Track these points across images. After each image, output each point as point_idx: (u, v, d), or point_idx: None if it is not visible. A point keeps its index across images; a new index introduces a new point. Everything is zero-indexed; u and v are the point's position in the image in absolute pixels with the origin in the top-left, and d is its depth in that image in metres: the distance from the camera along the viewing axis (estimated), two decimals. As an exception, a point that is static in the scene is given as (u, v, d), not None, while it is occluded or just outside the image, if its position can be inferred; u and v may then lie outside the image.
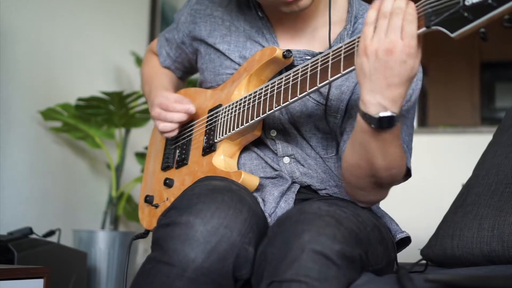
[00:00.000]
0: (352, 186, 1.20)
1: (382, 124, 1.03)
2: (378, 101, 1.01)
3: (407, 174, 1.24)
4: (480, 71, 4.78)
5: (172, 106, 1.39)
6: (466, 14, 0.91)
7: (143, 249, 2.98)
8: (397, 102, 1.02)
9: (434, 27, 0.96)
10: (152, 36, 3.30)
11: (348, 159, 1.17)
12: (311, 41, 1.35)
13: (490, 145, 1.61)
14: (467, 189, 1.54)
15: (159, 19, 3.35)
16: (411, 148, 1.30)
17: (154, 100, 1.44)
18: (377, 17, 1.02)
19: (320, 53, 1.30)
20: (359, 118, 1.06)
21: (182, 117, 1.39)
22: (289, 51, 1.28)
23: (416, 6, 0.99)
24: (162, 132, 1.42)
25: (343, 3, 1.36)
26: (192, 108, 1.38)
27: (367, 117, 1.03)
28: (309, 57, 1.31)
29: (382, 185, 1.18)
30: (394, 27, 0.99)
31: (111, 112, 2.56)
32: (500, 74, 4.92)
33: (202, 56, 1.46)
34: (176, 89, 1.59)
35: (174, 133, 1.42)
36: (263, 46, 1.37)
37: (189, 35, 1.49)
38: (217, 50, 1.42)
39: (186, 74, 1.65)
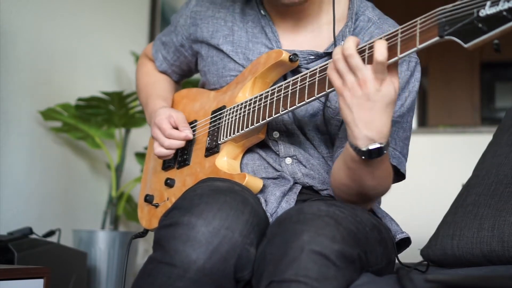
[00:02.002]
0: (341, 198, 1.24)
1: (371, 156, 1.08)
2: (365, 134, 1.06)
3: (401, 175, 1.29)
4: (480, 71, 4.78)
5: (170, 133, 1.38)
6: (480, 25, 0.91)
7: (143, 249, 2.98)
8: (382, 133, 1.06)
9: (447, 37, 0.96)
10: (152, 36, 3.30)
11: (338, 178, 1.21)
12: (314, 40, 1.35)
13: (490, 145, 1.61)
14: (467, 189, 1.54)
15: (159, 19, 3.35)
16: (406, 153, 1.32)
17: (152, 116, 1.44)
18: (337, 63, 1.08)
19: (325, 53, 1.30)
20: (349, 147, 1.11)
21: (180, 144, 1.39)
22: (295, 54, 1.28)
23: (430, 15, 0.99)
24: (158, 156, 1.42)
25: (344, 0, 1.36)
26: (190, 135, 1.39)
27: (357, 150, 1.08)
28: (312, 57, 1.31)
29: (370, 199, 1.24)
30: (354, 66, 1.05)
31: (111, 112, 2.55)
32: (500, 74, 4.92)
33: (204, 58, 1.46)
34: (173, 93, 1.59)
35: (170, 157, 1.42)
36: (266, 45, 1.37)
37: (189, 37, 1.48)
38: (220, 51, 1.41)
39: (183, 77, 1.64)
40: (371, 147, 1.07)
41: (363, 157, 1.08)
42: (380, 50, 1.03)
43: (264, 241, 1.09)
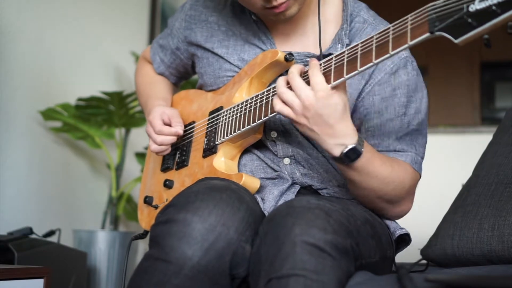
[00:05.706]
0: (372, 208, 1.29)
1: (351, 157, 1.15)
2: (333, 143, 1.14)
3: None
4: (480, 71, 4.78)
5: (160, 129, 1.40)
6: (470, 20, 0.92)
7: (143, 249, 2.98)
8: (349, 135, 1.14)
9: (438, 33, 0.96)
10: (152, 36, 3.30)
11: (352, 193, 1.29)
12: (306, 42, 1.35)
13: (490, 145, 1.61)
14: (467, 189, 1.54)
15: (159, 19, 3.35)
16: (423, 157, 1.36)
17: (148, 114, 1.46)
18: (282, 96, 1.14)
19: (323, 55, 1.30)
20: (335, 162, 1.20)
21: (171, 140, 1.41)
22: (291, 54, 1.28)
23: (421, 11, 0.99)
24: (153, 152, 1.44)
25: (337, 1, 1.36)
26: (180, 131, 1.41)
27: (337, 159, 1.16)
28: (309, 59, 1.31)
29: (393, 201, 1.27)
30: (296, 87, 1.12)
31: (111, 112, 2.56)
32: (500, 74, 4.92)
33: (200, 60, 1.46)
34: (172, 94, 1.59)
35: (166, 152, 1.44)
36: (261, 49, 1.37)
37: (185, 40, 1.49)
38: (215, 54, 1.42)
39: (180, 80, 1.65)
40: (345, 150, 1.14)
41: (345, 163, 1.16)
42: (314, 74, 1.11)
43: (257, 239, 1.10)
